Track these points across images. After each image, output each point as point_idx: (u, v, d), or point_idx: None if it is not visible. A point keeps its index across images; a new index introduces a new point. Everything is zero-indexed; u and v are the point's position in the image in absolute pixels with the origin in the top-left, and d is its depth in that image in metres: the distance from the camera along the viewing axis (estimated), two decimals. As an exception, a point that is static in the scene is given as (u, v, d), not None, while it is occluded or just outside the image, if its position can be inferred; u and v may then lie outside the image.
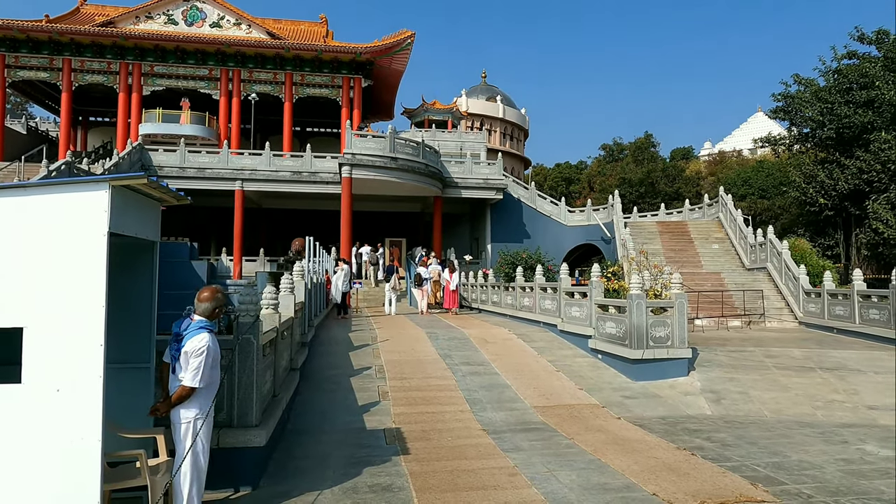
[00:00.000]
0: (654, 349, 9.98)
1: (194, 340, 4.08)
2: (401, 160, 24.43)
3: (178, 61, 30.03)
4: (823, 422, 8.10)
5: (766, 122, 60.37)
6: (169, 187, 4.25)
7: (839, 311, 14.21)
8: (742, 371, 10.13)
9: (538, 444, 6.64)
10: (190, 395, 4.08)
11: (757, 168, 48.42)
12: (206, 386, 4.16)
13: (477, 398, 8.64)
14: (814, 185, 27.61)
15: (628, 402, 8.81)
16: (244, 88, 30.70)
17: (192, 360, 4.04)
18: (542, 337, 12.87)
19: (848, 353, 11.19)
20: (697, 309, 16.20)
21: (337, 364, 10.34)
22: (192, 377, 4.03)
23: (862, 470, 5.81)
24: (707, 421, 8.06)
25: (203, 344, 4.08)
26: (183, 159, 25.71)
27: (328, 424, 7.45)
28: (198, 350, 4.05)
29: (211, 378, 4.20)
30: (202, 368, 4.05)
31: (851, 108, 25.90)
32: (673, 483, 5.30)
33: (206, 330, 4.18)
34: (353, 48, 29.93)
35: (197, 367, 4.03)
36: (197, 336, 4.10)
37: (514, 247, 25.43)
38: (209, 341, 4.12)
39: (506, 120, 54.09)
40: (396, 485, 5.28)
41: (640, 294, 10.17)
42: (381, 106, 36.70)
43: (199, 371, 4.04)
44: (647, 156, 59.43)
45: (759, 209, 39.26)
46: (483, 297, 19.72)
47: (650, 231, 23.76)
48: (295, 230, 21.31)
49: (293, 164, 26.44)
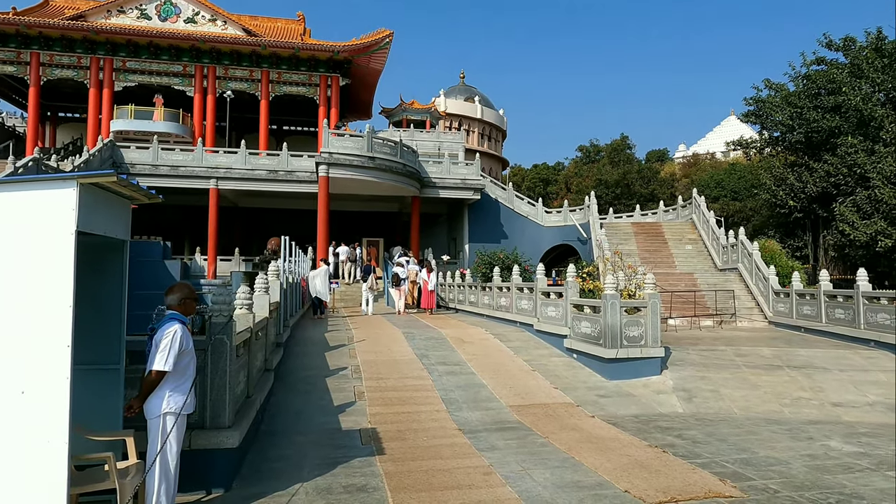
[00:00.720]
0: (627, 348, 10.12)
1: (163, 329, 4.13)
2: (378, 160, 24.35)
3: (152, 57, 29.51)
4: (790, 419, 8.30)
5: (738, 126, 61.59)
6: (140, 185, 4.19)
7: (807, 310, 14.57)
8: (713, 370, 10.32)
9: (513, 443, 6.69)
10: (158, 382, 4.07)
11: (729, 170, 49.41)
12: (176, 376, 4.14)
13: (453, 398, 8.66)
14: (784, 187, 28.24)
15: (602, 401, 8.92)
16: (219, 86, 30.30)
17: (160, 343, 4.07)
18: (518, 337, 12.95)
19: (815, 351, 11.48)
20: (671, 309, 16.47)
21: (312, 364, 10.28)
22: (159, 360, 4.04)
23: (826, 465, 5.97)
24: (679, 419, 8.20)
25: (171, 330, 4.12)
26: (156, 157, 25.27)
27: (303, 425, 7.40)
28: (164, 335, 4.09)
29: (182, 370, 4.19)
30: (168, 351, 4.05)
31: (819, 113, 26.57)
32: (644, 480, 5.39)
33: (177, 321, 4.21)
34: (331, 46, 29.76)
35: (164, 350, 4.05)
36: (166, 326, 4.15)
37: (491, 247, 25.55)
38: (179, 327, 4.16)
39: (484, 120, 54.30)
40: (371, 485, 5.27)
41: (615, 294, 10.30)
42: (359, 105, 36.55)
43: (166, 353, 4.04)
44: (623, 157, 60.20)
45: (731, 211, 40.07)
46: (460, 297, 19.77)
47: (625, 232, 24.06)
48: (271, 229, 21.13)
49: (269, 163, 26.17)
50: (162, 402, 4.11)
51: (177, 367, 4.15)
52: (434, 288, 19.18)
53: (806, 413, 8.58)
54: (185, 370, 4.26)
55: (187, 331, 4.30)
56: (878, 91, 25.30)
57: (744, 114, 32.62)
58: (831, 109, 26.26)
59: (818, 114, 26.56)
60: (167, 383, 4.13)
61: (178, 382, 4.19)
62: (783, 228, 31.00)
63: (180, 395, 4.20)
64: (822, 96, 27.03)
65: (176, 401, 4.16)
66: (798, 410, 8.69)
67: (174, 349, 4.08)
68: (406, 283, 19.42)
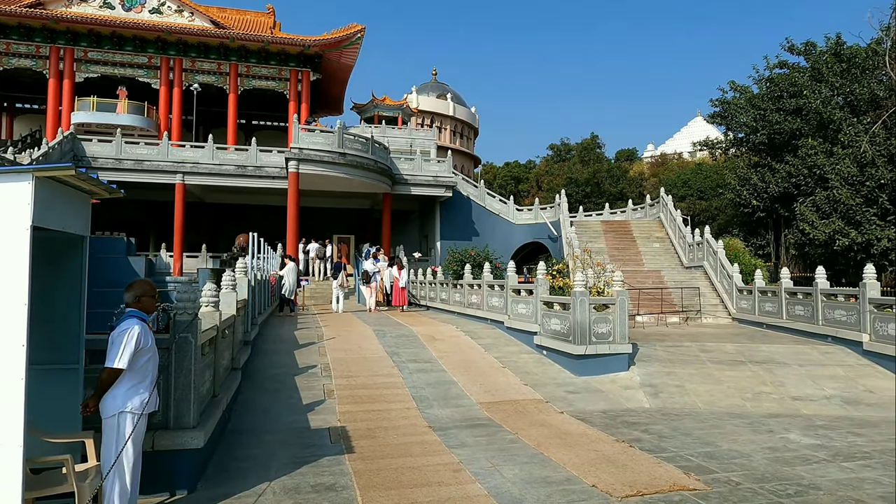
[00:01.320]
0: (596, 345, 10.26)
1: (120, 327, 4.02)
2: (349, 156, 24.16)
3: (115, 47, 28.68)
4: (752, 412, 8.53)
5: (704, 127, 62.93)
6: (100, 179, 4.06)
7: (769, 307, 14.97)
8: (679, 365, 10.54)
9: (483, 439, 6.72)
10: (113, 380, 3.95)
11: (696, 170, 50.45)
12: (133, 375, 4.02)
13: (423, 395, 8.66)
14: (747, 187, 28.96)
15: (571, 397, 9.02)
16: (186, 78, 29.62)
17: (115, 340, 3.96)
18: (489, 334, 13.01)
19: (776, 347, 11.81)
20: (638, 306, 16.75)
21: (281, 363, 10.15)
22: (112, 357, 3.92)
23: (785, 457, 6.15)
24: (645, 414, 8.34)
25: (127, 327, 4.00)
26: (119, 150, 24.58)
27: (271, 424, 7.31)
28: (120, 331, 3.98)
29: (141, 370, 4.07)
30: (123, 349, 3.93)
31: (782, 115, 27.32)
32: (612, 475, 5.47)
33: (136, 318, 4.10)
34: (302, 41, 29.36)
35: (118, 347, 3.93)
36: (123, 324, 4.03)
37: (463, 244, 25.60)
38: (135, 325, 4.03)
39: (456, 118, 54.33)
40: (340, 484, 5.23)
41: (584, 291, 10.42)
42: (330, 100, 36.18)
43: (121, 351, 3.92)
44: (593, 156, 60.89)
45: (697, 210, 40.95)
46: (432, 294, 19.76)
47: (595, 230, 24.37)
48: (239, 225, 20.80)
49: (238, 158, 25.71)
50: (118, 401, 3.98)
51: (134, 365, 4.03)
52: (405, 285, 19.13)
53: (767, 407, 8.82)
54: (144, 369, 4.13)
55: (147, 329, 4.18)
56: (836, 95, 26.16)
57: (710, 115, 33.35)
58: (793, 112, 27.04)
59: (780, 116, 27.33)
60: (123, 382, 4.01)
61: (136, 381, 4.06)
62: (747, 227, 31.81)
63: (138, 394, 4.06)
64: (785, 99, 27.81)
65: (133, 400, 4.02)
66: (759, 404, 8.93)
67: (130, 347, 3.96)
68: (376, 280, 19.33)
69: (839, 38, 27.77)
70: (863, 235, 21.30)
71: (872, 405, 8.92)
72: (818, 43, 28.68)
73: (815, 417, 8.28)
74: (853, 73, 25.61)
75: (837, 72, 26.09)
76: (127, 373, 3.99)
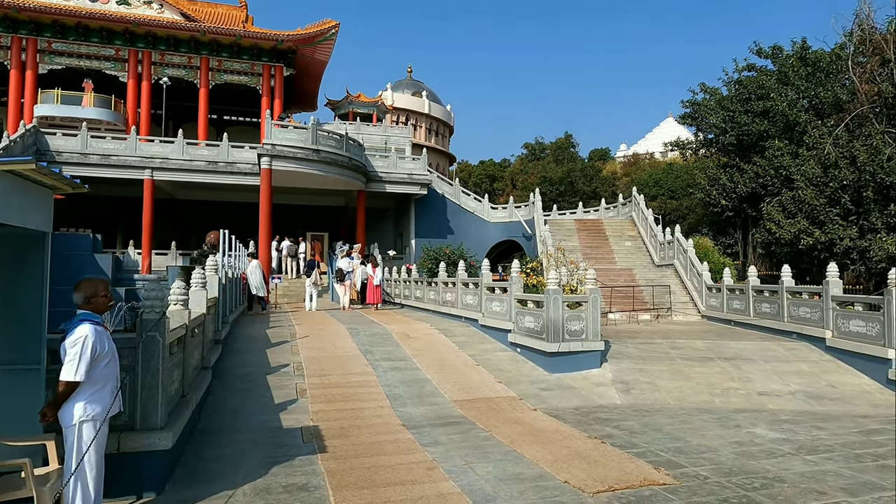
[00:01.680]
0: (569, 342, 10.35)
1: (72, 332, 3.82)
2: (323, 153, 23.93)
3: (81, 39, 27.87)
4: (720, 408, 8.71)
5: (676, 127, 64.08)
6: (62, 173, 3.94)
7: (736, 305, 15.30)
8: (650, 362, 10.70)
9: (457, 437, 6.72)
10: (71, 392, 3.78)
11: (667, 170, 51.31)
12: (92, 384, 3.86)
13: (397, 393, 8.63)
14: (717, 187, 29.54)
15: (544, 394, 9.08)
16: (155, 72, 28.96)
17: (69, 351, 3.77)
18: (463, 332, 13.03)
19: (743, 343, 12.08)
20: (611, 303, 16.96)
21: (253, 362, 10.01)
22: (67, 370, 3.75)
23: (752, 451, 6.29)
24: (617, 410, 8.45)
25: (80, 335, 3.80)
26: (85, 144, 23.93)
27: (242, 424, 7.20)
28: (72, 341, 3.78)
29: (98, 375, 3.90)
30: (79, 360, 3.75)
31: (750, 117, 27.93)
32: (584, 471, 5.53)
33: (88, 321, 3.90)
34: (275, 35, 28.96)
35: (73, 359, 3.75)
36: (76, 328, 3.84)
37: (437, 242, 25.58)
38: (89, 331, 3.83)
39: (431, 116, 54.25)
40: (312, 484, 5.18)
41: (557, 289, 10.50)
42: (304, 96, 35.78)
43: (76, 363, 3.74)
44: (567, 156, 61.46)
45: (668, 209, 41.68)
46: (406, 292, 19.71)
47: (568, 228, 24.60)
48: (211, 222, 20.42)
49: (209, 154, 25.25)
50: (77, 411, 3.81)
51: (92, 374, 3.84)
52: (380, 283, 19.04)
53: (734, 402, 9.02)
54: (103, 375, 3.95)
55: (104, 330, 3.99)
56: (802, 98, 26.84)
57: (681, 116, 33.93)
58: (760, 114, 27.66)
59: (748, 118, 27.93)
60: (82, 391, 3.83)
61: (95, 389, 3.89)
62: (716, 226, 32.46)
63: (98, 402, 3.90)
64: (753, 101, 28.42)
65: (93, 407, 3.87)
66: (727, 400, 9.12)
67: (85, 356, 3.77)
68: (351, 278, 19.20)
69: (804, 43, 28.52)
70: (826, 235, 21.90)
71: (835, 400, 9.19)
72: (785, 47, 29.45)
73: (780, 412, 8.49)
74: (818, 76, 26.31)
75: (803, 75, 26.78)
76: (85, 382, 3.82)
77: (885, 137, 20.93)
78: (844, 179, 21.78)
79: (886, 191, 21.04)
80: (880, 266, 19.83)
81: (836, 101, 24.77)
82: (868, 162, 20.84)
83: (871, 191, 21.10)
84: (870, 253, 20.52)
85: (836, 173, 22.01)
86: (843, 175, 21.77)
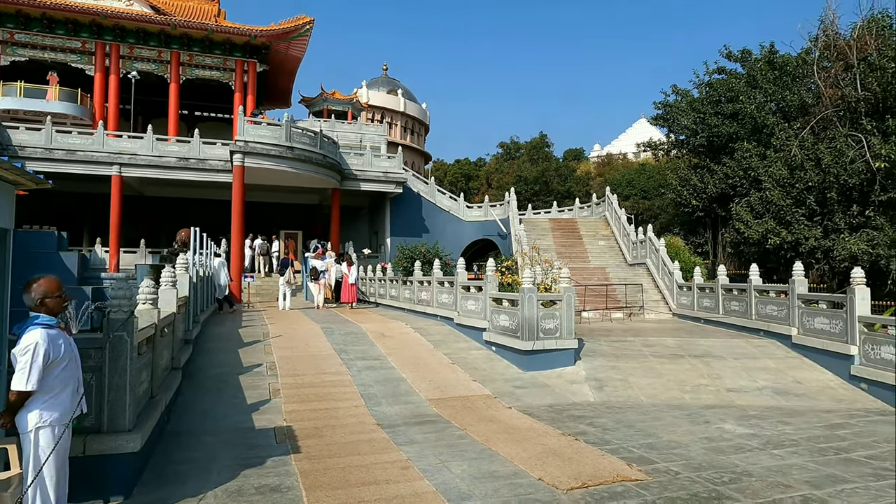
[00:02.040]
0: (543, 340, 10.43)
1: (23, 338, 3.66)
2: (297, 150, 23.67)
3: (45, 30, 27.04)
4: (691, 404, 8.87)
5: (648, 128, 65.05)
6: (25, 168, 3.82)
7: (706, 303, 15.60)
8: (623, 360, 10.84)
9: (432, 436, 6.72)
10: (24, 400, 3.64)
11: (640, 170, 52.08)
12: (47, 390, 3.71)
13: (372, 393, 8.58)
14: (688, 187, 30.08)
15: (519, 392, 9.13)
16: (124, 65, 28.26)
17: (20, 359, 3.62)
18: (438, 330, 13.02)
19: (713, 341, 12.32)
20: (584, 302, 17.14)
21: (224, 361, 9.85)
22: (18, 379, 3.60)
23: (721, 447, 6.42)
24: (590, 407, 8.54)
25: (30, 342, 3.64)
26: (50, 139, 23.24)
27: (213, 425, 7.07)
28: (23, 348, 3.63)
29: (54, 381, 3.74)
30: (30, 369, 3.60)
31: (720, 119, 28.51)
32: (558, 468, 5.57)
33: (40, 326, 3.73)
34: (248, 30, 28.52)
35: (24, 367, 3.59)
36: (27, 333, 3.68)
37: (413, 241, 25.51)
38: (40, 337, 3.67)
39: (407, 114, 54.12)
40: (285, 485, 5.11)
41: (532, 288, 10.57)
42: (278, 93, 35.32)
43: (27, 371, 3.59)
44: (542, 155, 61.95)
45: (641, 209, 42.29)
46: (381, 291, 19.62)
47: (543, 227, 24.79)
48: (181, 220, 20.02)
49: (179, 150, 24.75)
50: (33, 418, 3.67)
51: (46, 380, 3.69)
52: (355, 282, 18.93)
53: (704, 399, 9.19)
54: (61, 379, 3.79)
55: (59, 333, 3.82)
56: (769, 101, 27.49)
57: (653, 117, 34.44)
58: (730, 116, 28.25)
59: (718, 120, 28.51)
60: (36, 399, 3.69)
61: (51, 394, 3.74)
62: (687, 226, 33.04)
63: (55, 407, 3.75)
64: (722, 103, 29.01)
65: (50, 413, 3.72)
66: (697, 396, 9.29)
67: (37, 364, 3.61)
68: (325, 277, 19.04)
69: (772, 47, 29.22)
70: (792, 235, 22.48)
71: (800, 395, 9.43)
72: (753, 51, 30.11)
73: (748, 408, 8.68)
74: (784, 80, 26.99)
75: (770, 79, 27.44)
76: (39, 389, 3.67)
77: (848, 140, 21.56)
78: (810, 181, 22.38)
79: (849, 192, 21.69)
80: (843, 265, 20.43)
81: (802, 104, 25.44)
82: (832, 164, 21.45)
83: (834, 192, 21.72)
84: (833, 252, 21.13)
85: (802, 175, 22.61)
86: (809, 176, 22.38)
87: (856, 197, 21.59)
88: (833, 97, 23.41)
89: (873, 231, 19.95)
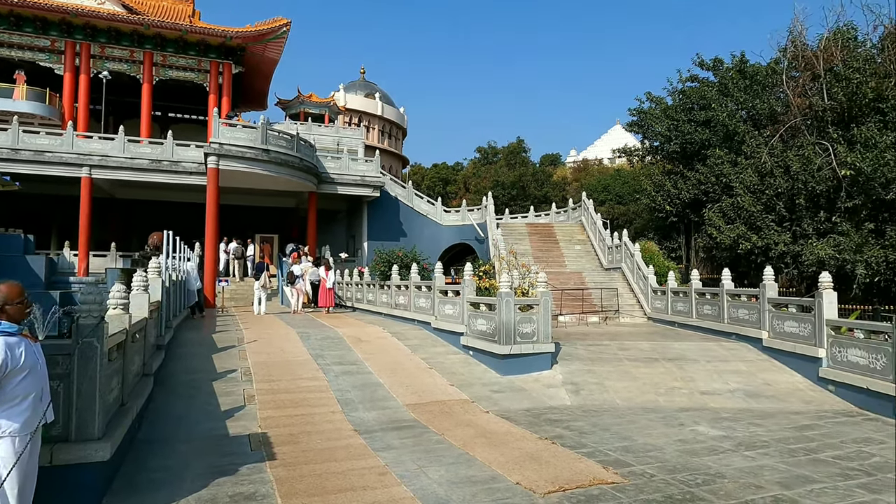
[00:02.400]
0: (521, 345, 10.47)
1: None
2: (273, 153, 23.42)
3: (12, 28, 26.34)
4: (665, 407, 8.98)
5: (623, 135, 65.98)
6: (-10, 170, 3.70)
7: (680, 307, 15.84)
8: (599, 363, 10.94)
9: (409, 441, 6.68)
10: None
11: (615, 176, 52.77)
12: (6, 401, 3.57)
13: (349, 398, 8.51)
14: (662, 193, 30.56)
15: (496, 397, 9.15)
16: (94, 65, 27.67)
17: None
18: (416, 335, 12.99)
19: (686, 344, 12.50)
20: (561, 306, 17.27)
21: (198, 367, 9.67)
22: None
23: (695, 449, 6.52)
24: (567, 411, 8.60)
25: None
26: (16, 139, 22.61)
27: (186, 432, 6.93)
28: None
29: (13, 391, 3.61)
30: None
31: (693, 126, 29.06)
32: (535, 471, 5.59)
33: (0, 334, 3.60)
34: (223, 31, 28.17)
35: None
36: None
37: (390, 245, 25.43)
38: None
39: (384, 118, 53.99)
40: (261, 492, 5.04)
41: (509, 292, 10.61)
42: (254, 95, 34.95)
43: None
44: (519, 160, 62.33)
45: (616, 214, 42.83)
46: (359, 295, 19.51)
47: (520, 232, 24.93)
48: (154, 223, 19.66)
49: (152, 152, 24.29)
50: None
51: (4, 390, 3.55)
52: (332, 286, 18.78)
53: (678, 401, 9.32)
54: (21, 388, 3.64)
55: (20, 340, 3.68)
56: (740, 109, 28.13)
57: (628, 123, 34.96)
58: (702, 123, 28.82)
59: (691, 127, 29.05)
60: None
61: (11, 405, 3.60)
62: (661, 231, 33.56)
63: (15, 417, 3.62)
64: (695, 111, 29.58)
65: (9, 424, 3.58)
66: (672, 399, 9.42)
67: None
68: (301, 282, 18.85)
69: (743, 57, 29.92)
70: (762, 240, 22.97)
71: (770, 397, 9.63)
72: (725, 60, 30.79)
73: (720, 410, 8.83)
74: (755, 89, 27.63)
75: (741, 87, 28.08)
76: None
77: (815, 148, 22.14)
78: (779, 187, 22.91)
79: (817, 199, 22.25)
80: (811, 270, 20.94)
81: (772, 112, 26.08)
82: (800, 171, 22.00)
83: (802, 198, 22.26)
84: (802, 257, 21.63)
85: (772, 181, 23.13)
86: (778, 183, 22.90)
87: (823, 203, 22.16)
88: (801, 106, 24.04)
89: (839, 237, 20.49)
